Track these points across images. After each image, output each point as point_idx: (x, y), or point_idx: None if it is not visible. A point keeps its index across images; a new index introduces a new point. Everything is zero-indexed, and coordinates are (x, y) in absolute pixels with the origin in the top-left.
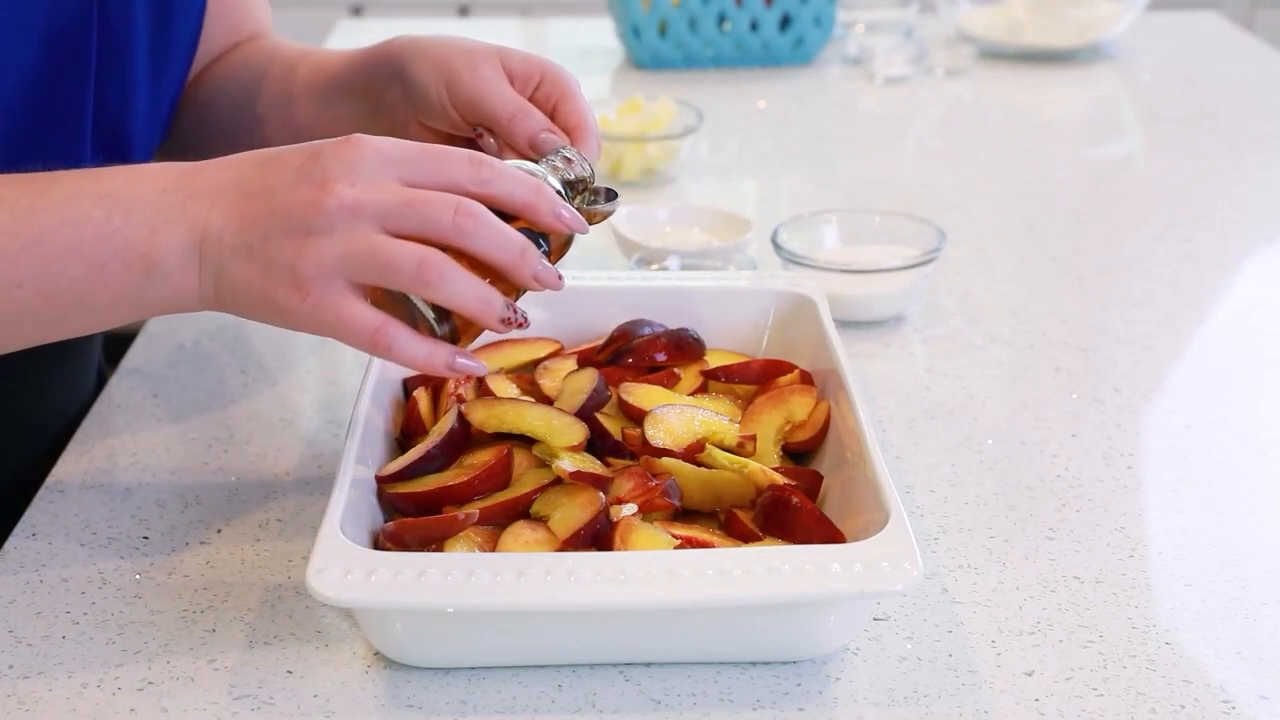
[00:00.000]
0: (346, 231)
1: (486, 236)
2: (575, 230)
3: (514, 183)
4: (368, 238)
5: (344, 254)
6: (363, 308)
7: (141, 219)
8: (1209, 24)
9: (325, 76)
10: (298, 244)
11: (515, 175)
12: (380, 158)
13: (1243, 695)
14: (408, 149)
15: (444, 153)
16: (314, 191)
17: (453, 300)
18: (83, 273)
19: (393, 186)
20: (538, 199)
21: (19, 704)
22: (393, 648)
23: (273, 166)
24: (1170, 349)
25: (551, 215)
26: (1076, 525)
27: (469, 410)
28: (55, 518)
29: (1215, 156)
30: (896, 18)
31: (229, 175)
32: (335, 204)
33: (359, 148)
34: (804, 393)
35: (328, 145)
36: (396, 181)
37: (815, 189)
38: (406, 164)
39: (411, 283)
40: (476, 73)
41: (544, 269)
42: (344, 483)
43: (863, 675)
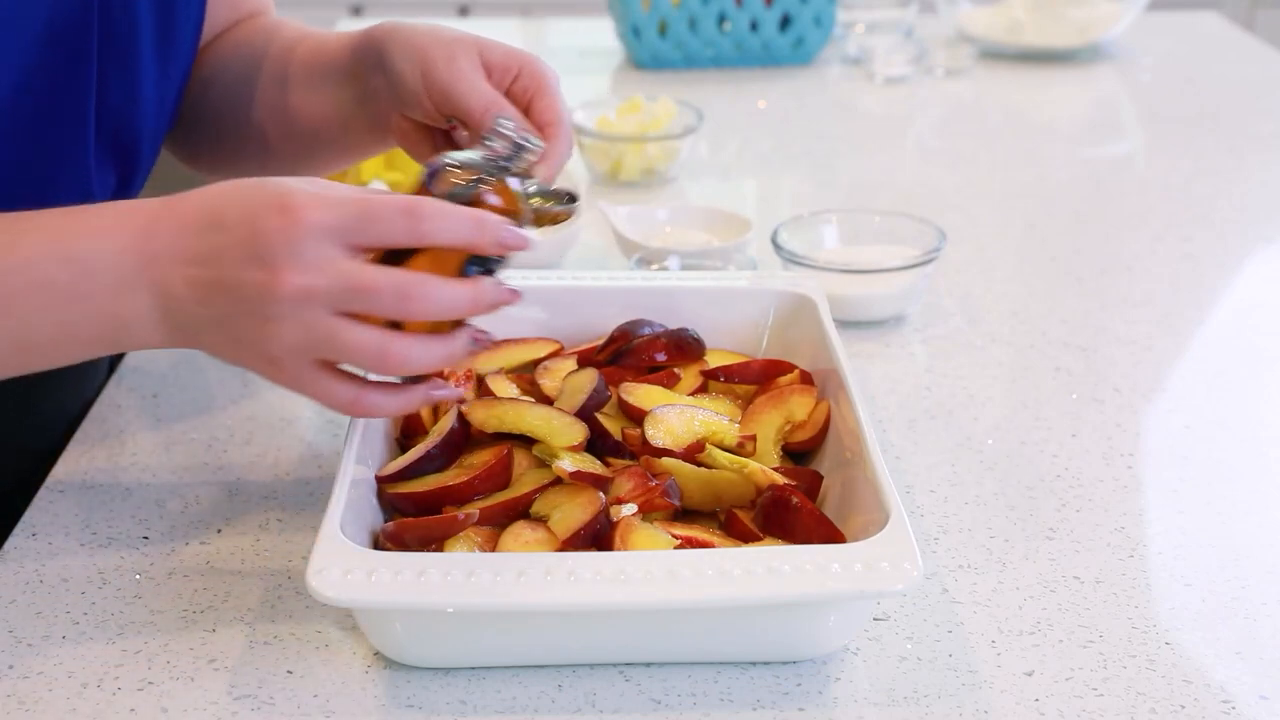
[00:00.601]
0: (301, 319)
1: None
2: (520, 248)
3: (453, 226)
4: (324, 323)
5: (306, 340)
6: (335, 384)
7: (106, 283)
8: (1209, 24)
9: (319, 60)
10: (258, 327)
11: (453, 218)
12: (319, 233)
13: (1243, 695)
14: (343, 216)
15: (377, 214)
16: (263, 275)
17: (415, 370)
18: (55, 331)
19: (337, 266)
20: (479, 234)
21: (19, 704)
22: (393, 648)
23: (217, 236)
24: (1170, 349)
25: (495, 246)
26: (1076, 525)
27: (469, 410)
28: (55, 518)
29: (1215, 156)
30: (896, 18)
31: (180, 244)
32: (286, 293)
33: (298, 225)
34: (804, 393)
35: (268, 220)
36: (339, 251)
37: (815, 189)
38: (345, 233)
39: (374, 366)
40: (453, 64)
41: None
42: (344, 483)
43: (863, 675)
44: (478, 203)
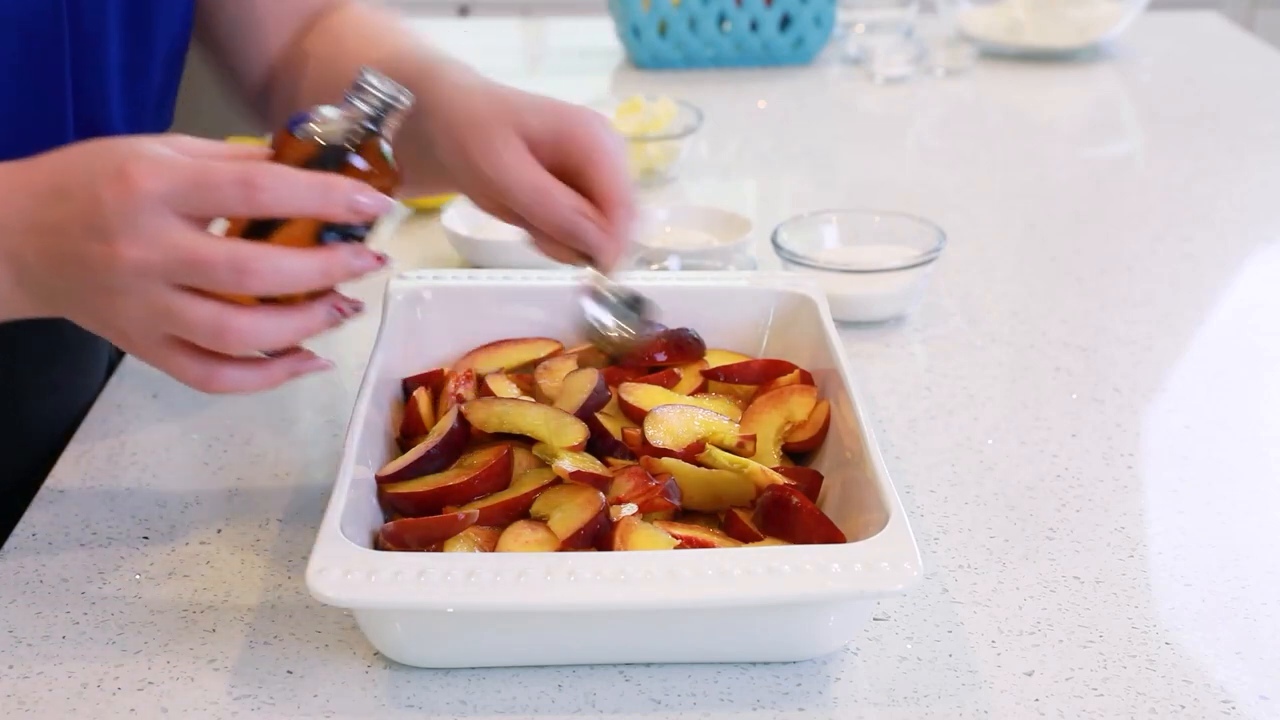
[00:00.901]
0: (142, 292)
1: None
2: (378, 212)
3: (296, 194)
4: (164, 299)
5: (149, 315)
6: (186, 360)
7: None
8: (1209, 24)
9: None
10: (105, 299)
11: (296, 185)
12: (154, 202)
13: (1243, 695)
14: (178, 183)
15: (215, 183)
16: (102, 247)
17: (265, 345)
18: None
19: (173, 238)
20: (326, 200)
21: (19, 704)
22: (393, 648)
23: (62, 206)
24: (1170, 349)
25: (346, 212)
26: (1076, 525)
27: (469, 410)
28: (55, 518)
29: (1215, 156)
30: (896, 18)
31: (29, 212)
32: (123, 267)
33: (133, 195)
34: (804, 393)
35: (106, 189)
36: (175, 222)
37: (815, 189)
38: (180, 201)
39: (213, 344)
40: (491, 153)
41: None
42: (344, 483)
43: (863, 675)
44: (345, 167)
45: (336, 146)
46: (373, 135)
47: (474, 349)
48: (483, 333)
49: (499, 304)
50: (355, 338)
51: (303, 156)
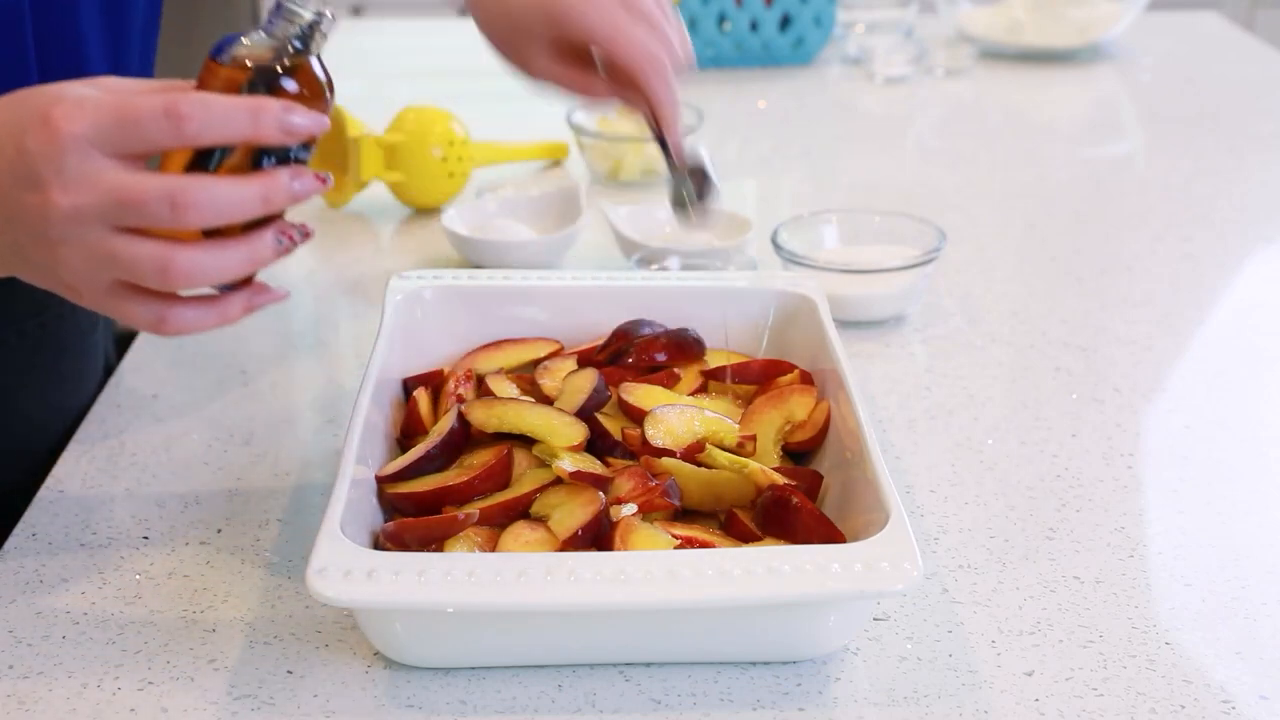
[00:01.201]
0: (81, 239)
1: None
2: (312, 131)
3: (224, 120)
4: (104, 243)
5: (91, 262)
6: (136, 305)
7: None
8: (1209, 24)
9: None
10: (47, 250)
11: (223, 111)
12: (81, 145)
13: (1243, 695)
14: (102, 122)
15: (138, 118)
16: (34, 198)
17: (214, 280)
18: None
19: (104, 180)
20: (255, 124)
21: (19, 704)
22: (393, 648)
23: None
24: (1170, 349)
25: (279, 134)
26: (1076, 525)
27: (469, 410)
28: (55, 518)
29: (1215, 156)
30: (896, 18)
31: None
32: (58, 215)
33: (58, 140)
34: (804, 393)
35: (31, 137)
36: (106, 163)
37: (815, 189)
38: (106, 141)
39: (159, 283)
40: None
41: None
42: (344, 483)
43: (863, 675)
44: (276, 91)
45: (265, 69)
46: (300, 55)
47: (474, 349)
48: (483, 333)
49: (499, 304)
50: (355, 338)
51: (231, 84)
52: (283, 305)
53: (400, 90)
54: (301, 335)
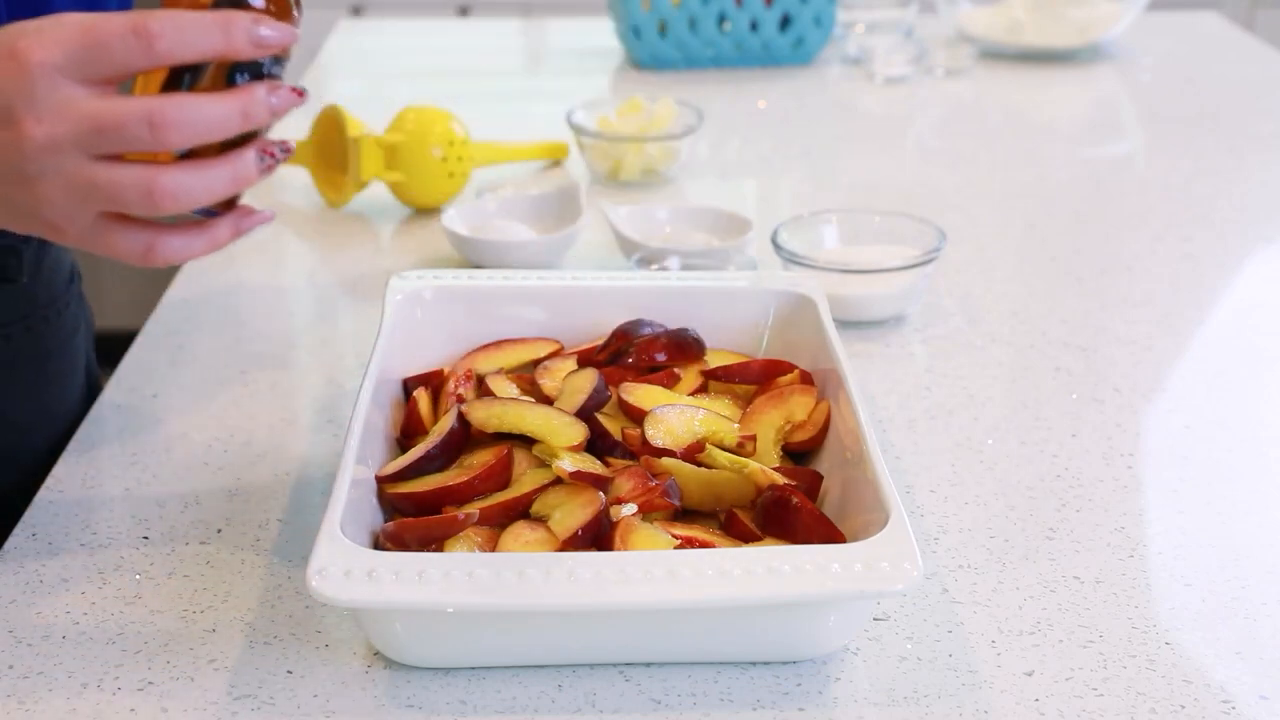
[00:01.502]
0: (58, 170)
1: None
2: (283, 41)
3: (195, 35)
4: (82, 172)
5: (71, 194)
6: (122, 236)
7: None
8: (1209, 24)
9: None
10: (25, 189)
11: (193, 26)
12: (50, 74)
13: (1243, 695)
14: (70, 49)
15: (106, 40)
16: (7, 133)
17: (200, 200)
18: None
19: (79, 107)
20: (226, 37)
21: (19, 704)
22: (393, 648)
23: None
24: (1170, 349)
25: (250, 46)
26: (1076, 525)
27: (469, 410)
28: (55, 518)
29: (1215, 156)
30: (896, 18)
31: None
32: (33, 148)
33: (27, 71)
34: (804, 393)
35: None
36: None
37: (815, 189)
38: (76, 67)
39: (145, 208)
40: None
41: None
42: (344, 483)
43: (863, 675)
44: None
45: None
46: None
47: (474, 349)
48: (483, 333)
49: (499, 304)
50: (355, 338)
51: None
52: (283, 305)
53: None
54: (301, 335)
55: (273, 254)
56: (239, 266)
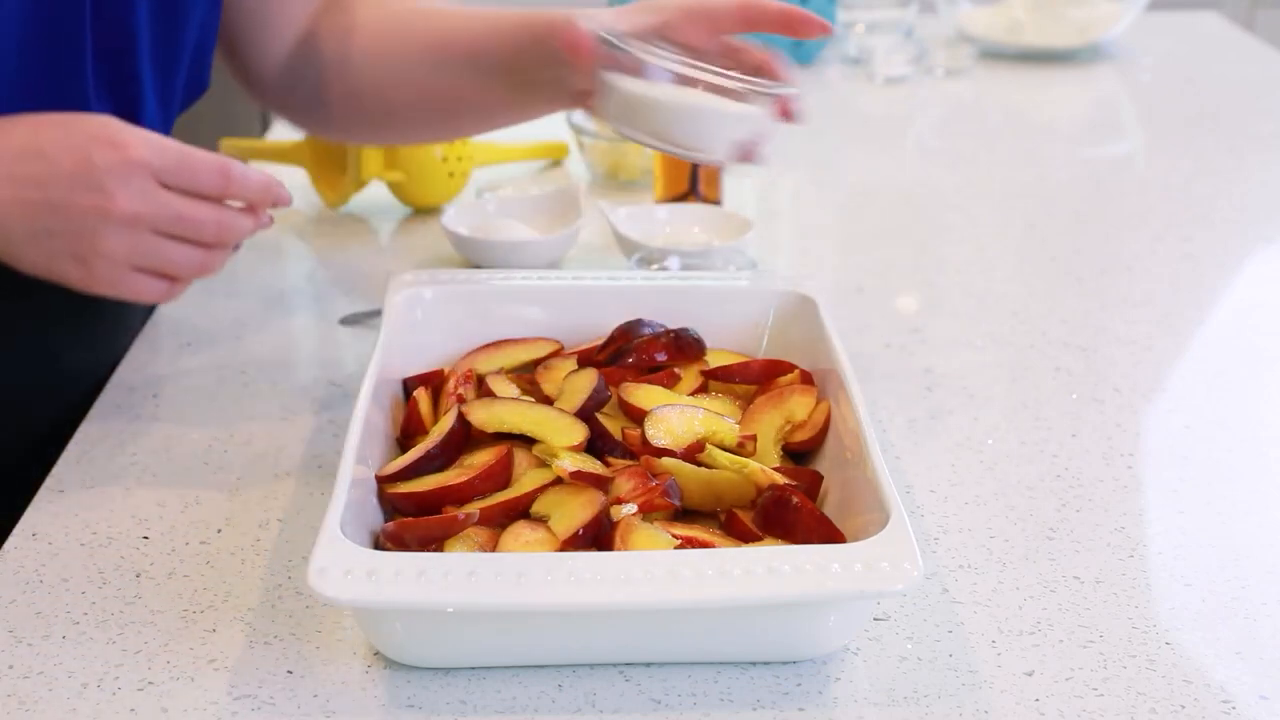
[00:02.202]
0: (131, 235)
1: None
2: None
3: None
4: (150, 240)
5: (131, 252)
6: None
7: None
8: (1209, 24)
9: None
10: (85, 241)
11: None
12: (145, 168)
13: (1243, 695)
14: (167, 158)
15: (195, 167)
16: (98, 199)
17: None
18: None
19: (162, 198)
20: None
21: (19, 704)
22: (393, 648)
23: (40, 163)
24: (1170, 349)
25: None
26: (1076, 525)
27: (469, 410)
28: (55, 518)
29: (1215, 156)
30: (896, 18)
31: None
32: (119, 215)
33: (127, 159)
34: (804, 393)
35: (98, 153)
36: (156, 185)
37: (815, 189)
38: (166, 173)
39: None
40: None
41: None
42: (344, 483)
43: (863, 675)
44: None
45: None
46: None
47: (474, 349)
48: (483, 333)
49: (499, 304)
50: (355, 338)
51: None
52: (283, 305)
53: None
54: (301, 335)
55: (273, 254)
56: (239, 267)
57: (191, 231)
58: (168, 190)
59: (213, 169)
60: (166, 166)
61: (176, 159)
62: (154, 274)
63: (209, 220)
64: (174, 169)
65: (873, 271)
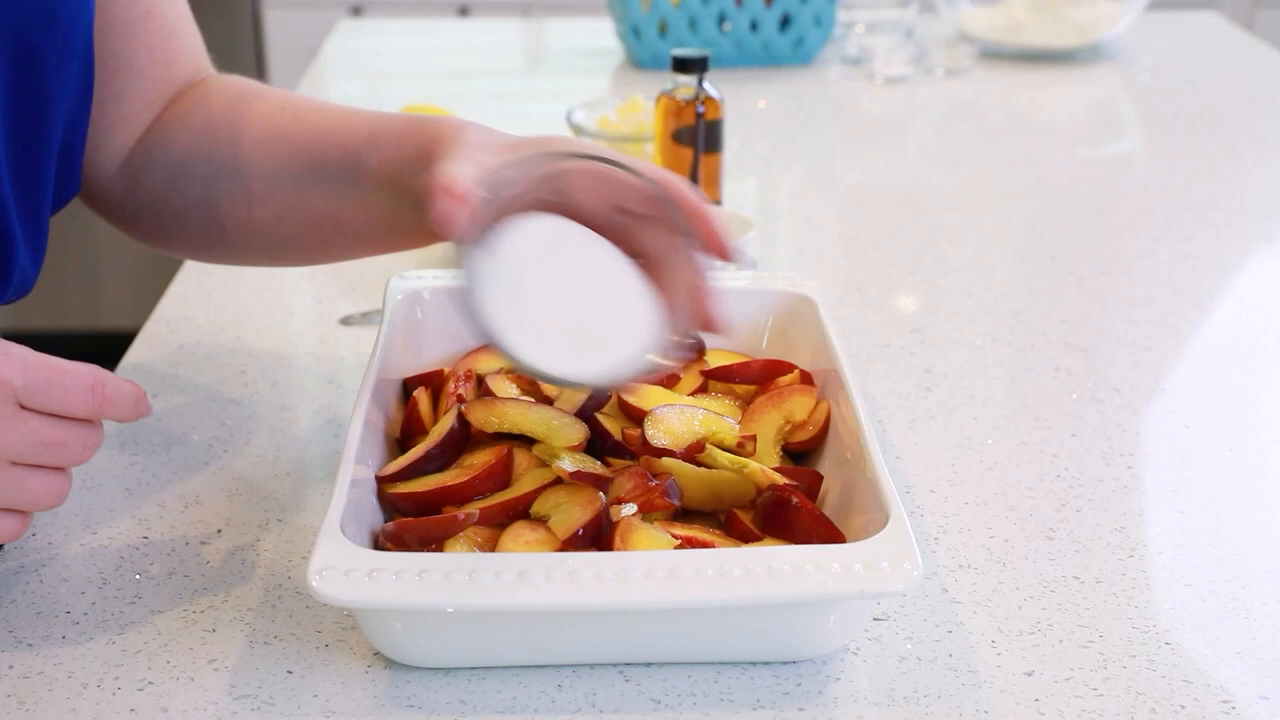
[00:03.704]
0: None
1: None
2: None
3: (125, 407)
4: (8, 475)
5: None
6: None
7: None
8: (1209, 24)
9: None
10: None
11: (127, 399)
12: (6, 391)
13: (1243, 695)
14: (34, 380)
15: (65, 387)
16: None
17: None
18: None
19: (23, 427)
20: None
21: (19, 704)
22: (393, 648)
23: None
24: (1170, 349)
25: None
26: (1076, 525)
27: (469, 410)
28: (55, 517)
29: (1215, 156)
30: (896, 18)
31: None
32: None
33: None
34: (804, 393)
35: None
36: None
37: (815, 189)
38: (34, 396)
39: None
40: None
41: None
42: (344, 483)
43: (863, 675)
44: None
45: None
46: None
47: (474, 349)
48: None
49: None
50: (355, 338)
51: None
52: (282, 305)
53: (400, 90)
54: (301, 335)
55: None
56: (239, 267)
57: (56, 458)
58: (29, 412)
59: (85, 388)
60: (32, 385)
61: (45, 378)
62: (6, 511)
63: (74, 442)
64: (41, 388)
65: (873, 271)
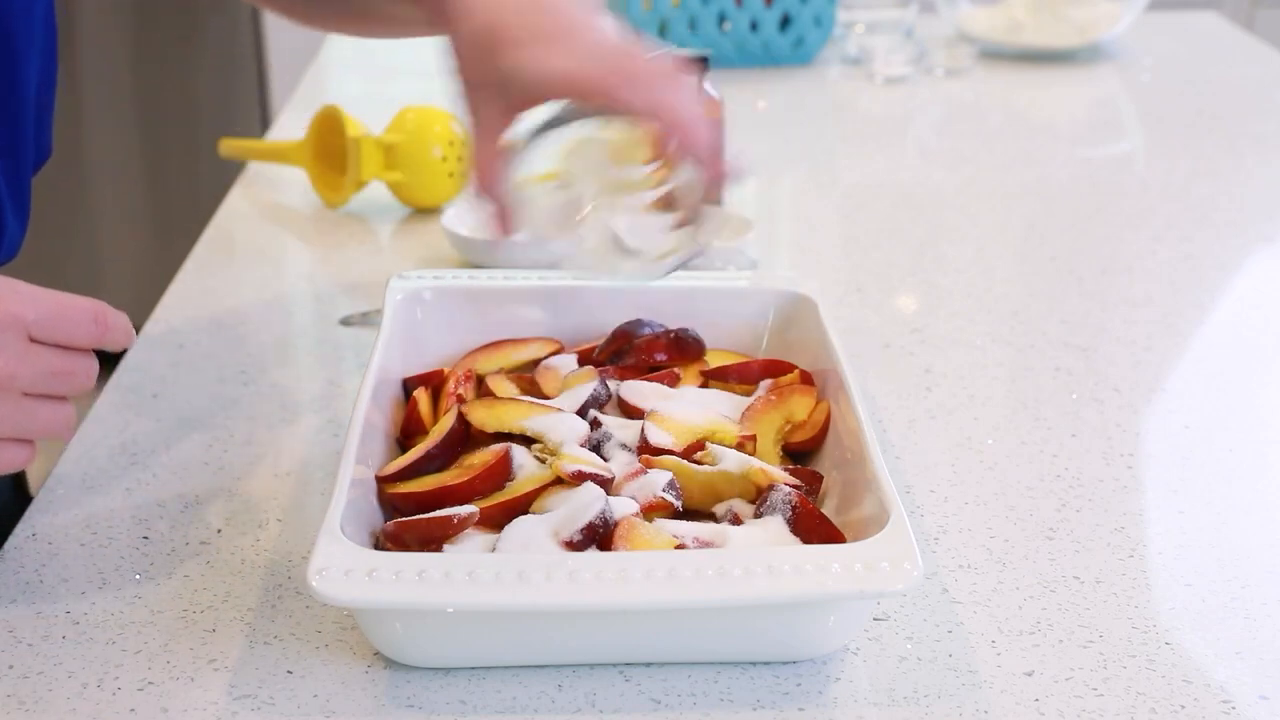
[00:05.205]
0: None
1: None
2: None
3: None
4: (20, 404)
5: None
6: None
7: None
8: (1209, 24)
9: None
10: None
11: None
12: (20, 324)
13: (1243, 695)
14: (41, 311)
15: (73, 319)
16: None
17: None
18: None
19: (35, 359)
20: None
21: (19, 704)
22: (393, 648)
23: None
24: (1170, 349)
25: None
26: (1076, 525)
27: (469, 410)
28: (55, 518)
29: (1215, 156)
30: (896, 18)
31: None
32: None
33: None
34: (804, 393)
35: None
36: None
37: (815, 189)
38: (44, 329)
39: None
40: None
41: None
42: (344, 483)
43: (863, 675)
44: None
45: None
46: None
47: (474, 349)
48: (483, 333)
49: (499, 304)
50: (355, 338)
51: None
52: (282, 305)
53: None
54: (301, 335)
55: (272, 254)
56: (239, 267)
57: (63, 387)
58: (38, 345)
59: (89, 317)
60: (42, 318)
61: (54, 310)
62: (16, 441)
63: (80, 370)
64: (49, 320)
65: (873, 271)
